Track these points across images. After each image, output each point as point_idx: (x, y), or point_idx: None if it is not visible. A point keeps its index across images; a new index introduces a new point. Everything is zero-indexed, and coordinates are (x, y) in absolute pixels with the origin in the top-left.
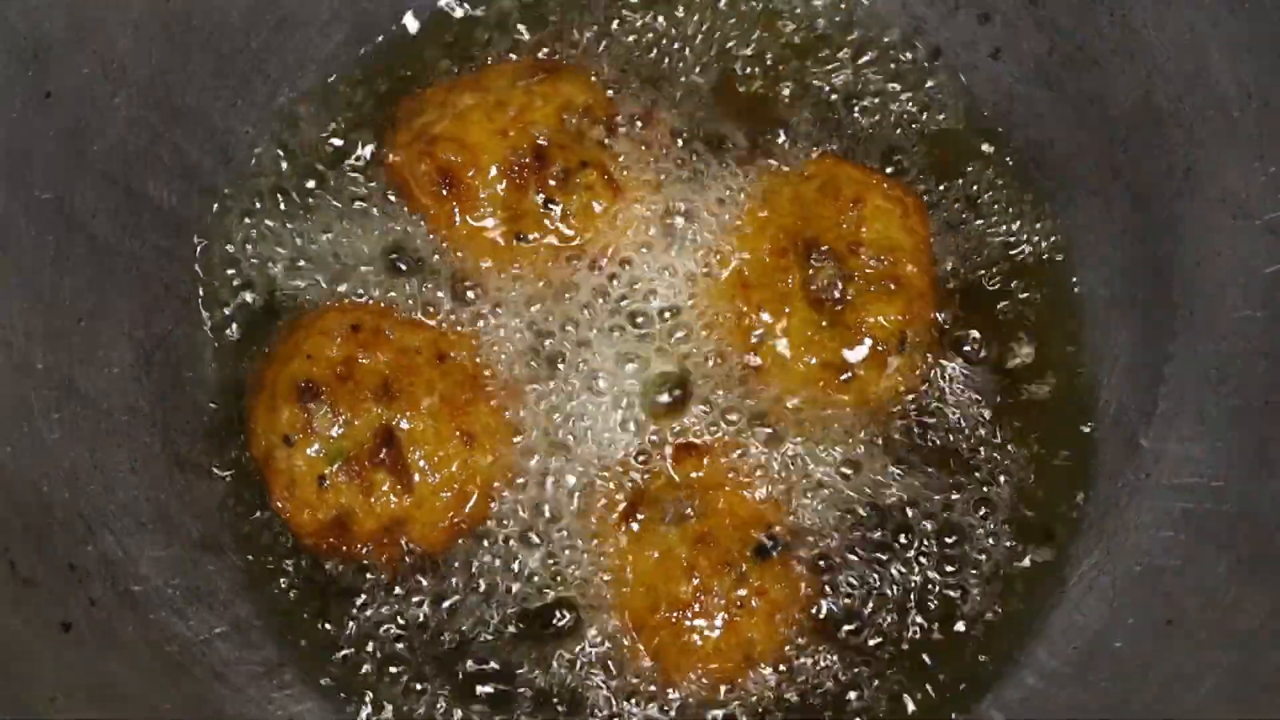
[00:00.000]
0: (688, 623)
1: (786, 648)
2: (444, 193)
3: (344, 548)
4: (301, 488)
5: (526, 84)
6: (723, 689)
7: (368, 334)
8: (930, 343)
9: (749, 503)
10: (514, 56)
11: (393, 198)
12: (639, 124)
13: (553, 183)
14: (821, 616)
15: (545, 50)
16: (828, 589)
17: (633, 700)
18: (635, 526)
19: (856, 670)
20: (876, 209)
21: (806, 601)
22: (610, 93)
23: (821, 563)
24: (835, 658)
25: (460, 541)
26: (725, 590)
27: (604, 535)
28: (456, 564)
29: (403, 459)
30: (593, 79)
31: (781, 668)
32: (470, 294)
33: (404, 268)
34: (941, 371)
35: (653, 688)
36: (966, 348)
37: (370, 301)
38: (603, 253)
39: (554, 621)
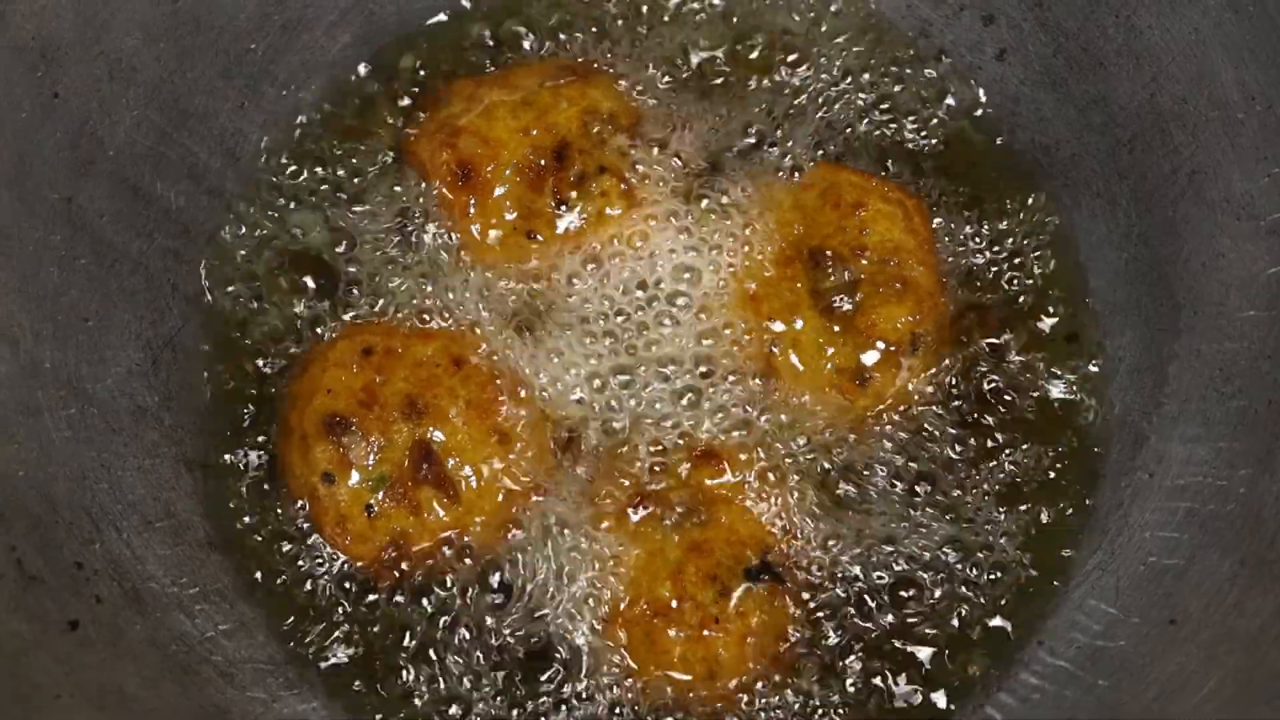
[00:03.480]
0: (659, 624)
1: (760, 670)
2: (460, 183)
3: (405, 568)
4: (351, 521)
5: (554, 85)
6: (689, 696)
7: (380, 356)
8: (942, 341)
9: (754, 523)
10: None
11: (398, 188)
12: (659, 134)
13: (569, 185)
14: (808, 635)
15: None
16: (819, 619)
17: (601, 693)
18: (635, 519)
19: (846, 678)
20: (878, 212)
21: (787, 632)
22: (644, 99)
23: (812, 591)
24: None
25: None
26: (705, 602)
27: (607, 524)
28: (466, 560)
29: (444, 471)
30: (620, 85)
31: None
32: (479, 293)
33: (413, 268)
34: (947, 374)
35: (627, 681)
36: (971, 349)
37: (384, 305)
38: (612, 259)
39: (552, 617)
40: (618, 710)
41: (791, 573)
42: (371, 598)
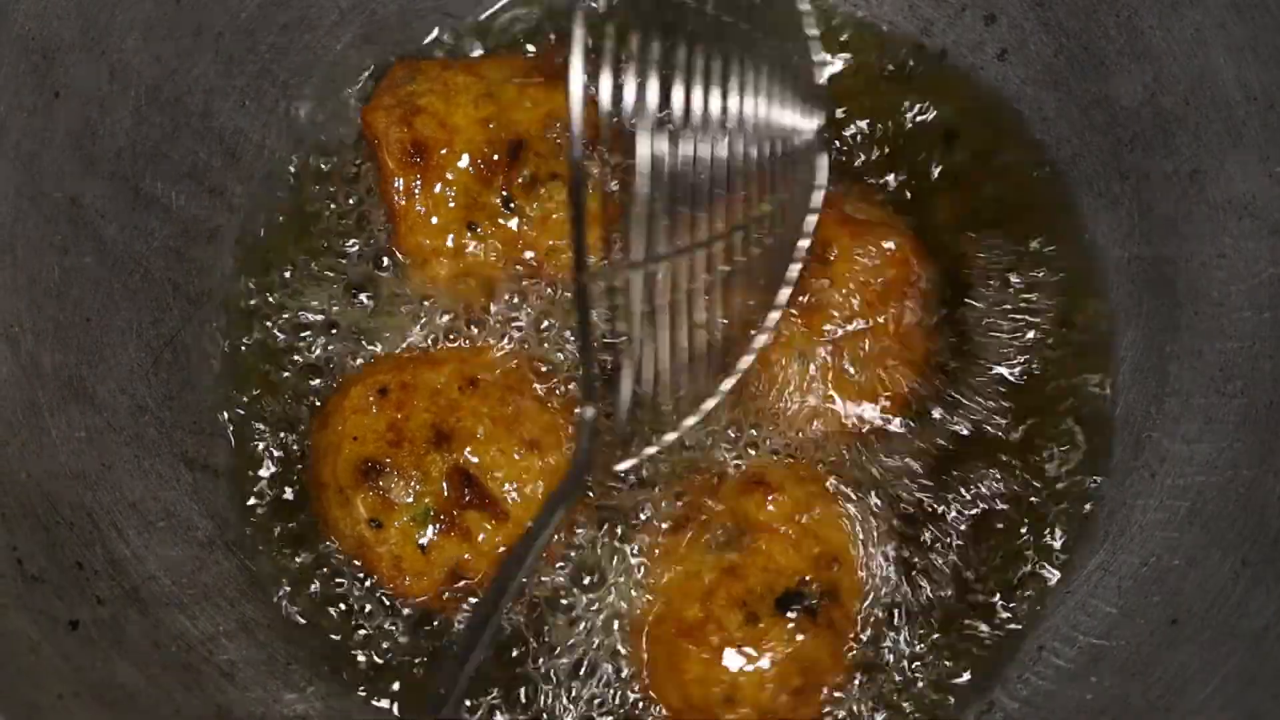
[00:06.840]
0: (684, 645)
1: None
2: (411, 162)
3: (467, 589)
4: (407, 561)
5: (521, 82)
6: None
7: (396, 392)
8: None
9: (796, 553)
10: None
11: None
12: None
13: (519, 184)
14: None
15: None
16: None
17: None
18: (680, 539)
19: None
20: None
21: (817, 667)
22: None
23: (855, 625)
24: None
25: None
26: (730, 627)
27: (646, 539)
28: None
29: (486, 491)
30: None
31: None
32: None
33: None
34: (947, 374)
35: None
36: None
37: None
38: (553, 266)
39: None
40: None
41: (836, 602)
42: (375, 599)
